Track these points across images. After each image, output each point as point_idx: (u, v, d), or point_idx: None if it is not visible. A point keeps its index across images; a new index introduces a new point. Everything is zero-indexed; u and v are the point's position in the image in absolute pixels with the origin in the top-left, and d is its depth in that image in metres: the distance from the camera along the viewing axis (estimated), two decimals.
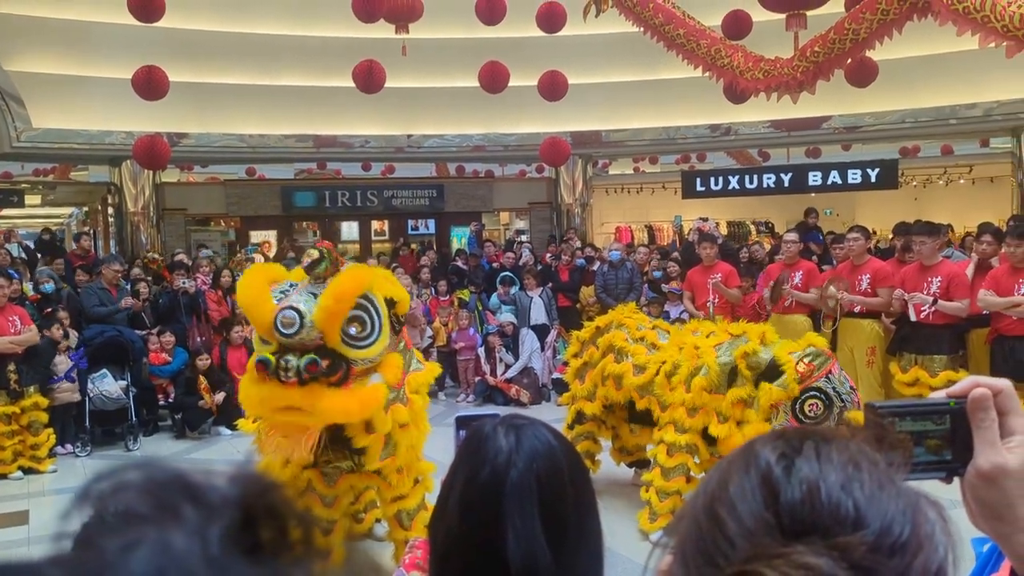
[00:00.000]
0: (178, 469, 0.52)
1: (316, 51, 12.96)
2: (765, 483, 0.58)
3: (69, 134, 12.82)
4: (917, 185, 17.15)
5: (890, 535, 0.55)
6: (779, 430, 0.65)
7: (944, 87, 12.75)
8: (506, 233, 17.04)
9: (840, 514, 0.56)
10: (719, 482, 0.62)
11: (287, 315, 3.38)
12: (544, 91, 10.29)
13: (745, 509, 0.58)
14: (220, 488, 0.51)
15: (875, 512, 0.56)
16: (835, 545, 0.54)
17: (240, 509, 0.50)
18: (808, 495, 0.57)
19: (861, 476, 0.58)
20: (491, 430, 1.18)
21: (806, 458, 0.59)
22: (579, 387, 5.55)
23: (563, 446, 1.19)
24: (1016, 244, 5.87)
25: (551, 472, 1.14)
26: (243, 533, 0.49)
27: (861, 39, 7.17)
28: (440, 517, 1.18)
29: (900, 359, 6.43)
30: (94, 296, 8.10)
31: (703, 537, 0.59)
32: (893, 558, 0.55)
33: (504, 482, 1.11)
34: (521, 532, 1.08)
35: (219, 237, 15.83)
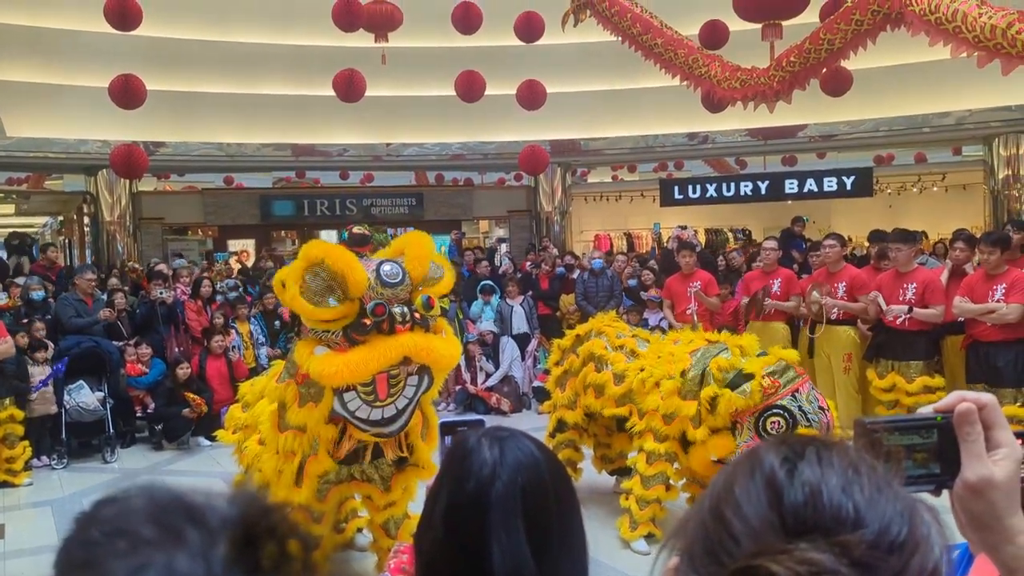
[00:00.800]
0: (179, 492, 0.53)
1: (295, 60, 12.94)
2: (769, 486, 0.61)
3: (44, 143, 12.71)
4: (891, 193, 17.39)
5: (888, 535, 0.58)
6: (781, 436, 0.68)
7: (917, 96, 12.96)
8: (486, 241, 17.06)
9: (841, 515, 0.59)
10: (724, 485, 0.64)
11: (392, 268, 3.61)
12: (522, 100, 10.33)
13: (750, 510, 0.61)
14: (221, 510, 0.52)
15: (874, 513, 0.59)
16: (837, 543, 0.57)
17: (241, 530, 0.51)
18: (810, 497, 0.60)
19: (860, 480, 0.61)
20: (475, 442, 1.19)
21: (808, 462, 0.62)
22: (560, 395, 5.56)
23: (546, 457, 1.20)
24: (990, 251, 5.96)
25: (535, 484, 1.15)
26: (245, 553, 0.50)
27: (836, 49, 7.27)
28: (426, 528, 1.18)
29: (877, 365, 6.49)
30: (70, 307, 8.00)
31: (709, 537, 0.62)
32: (891, 556, 0.57)
33: (489, 495, 1.12)
34: (506, 544, 1.09)
35: (197, 246, 15.73)
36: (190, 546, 0.49)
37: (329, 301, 3.50)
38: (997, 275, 5.97)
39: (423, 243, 3.80)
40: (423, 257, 3.71)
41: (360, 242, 3.80)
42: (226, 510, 0.52)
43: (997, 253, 5.96)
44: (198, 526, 0.50)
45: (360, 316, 3.51)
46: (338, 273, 3.45)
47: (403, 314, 3.53)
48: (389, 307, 3.52)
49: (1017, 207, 13.21)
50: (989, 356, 5.95)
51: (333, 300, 3.50)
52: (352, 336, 3.51)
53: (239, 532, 0.51)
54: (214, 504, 0.53)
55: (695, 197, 14.64)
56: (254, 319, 9.04)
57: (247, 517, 0.52)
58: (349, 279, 3.47)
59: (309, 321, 3.62)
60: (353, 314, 3.51)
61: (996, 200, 13.48)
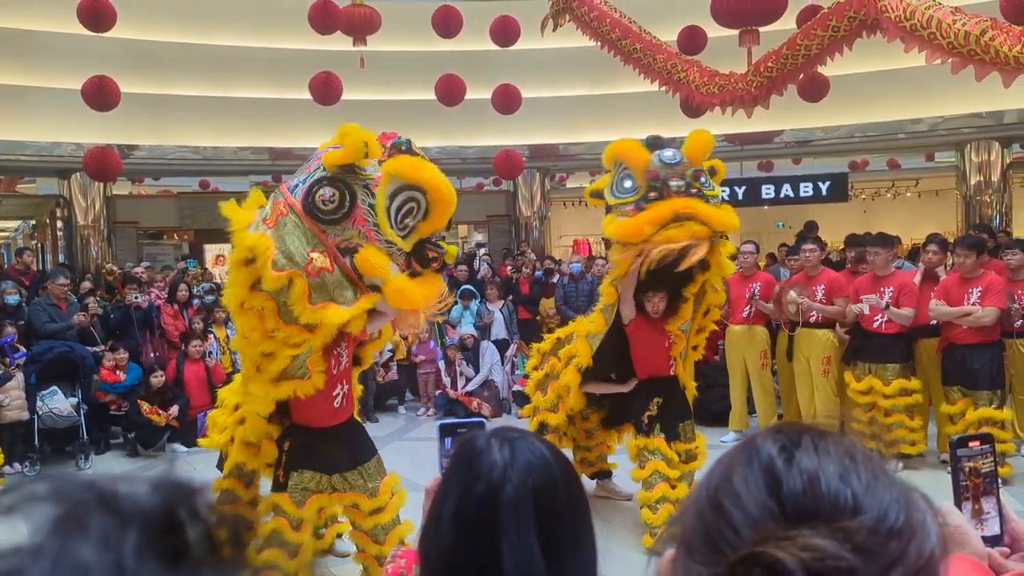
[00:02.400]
0: (91, 480, 0.51)
1: (272, 63, 12.85)
2: (767, 474, 0.62)
3: (16, 145, 12.51)
4: (866, 198, 17.57)
5: (887, 521, 0.58)
6: (776, 425, 0.68)
7: (891, 103, 13.11)
8: (464, 246, 17.02)
9: (839, 502, 0.59)
10: (722, 475, 0.65)
11: None
12: (498, 104, 10.32)
13: (749, 499, 0.61)
14: (136, 497, 0.50)
15: (872, 500, 0.59)
16: (838, 529, 0.57)
17: (158, 516, 0.49)
18: (809, 485, 0.60)
19: (857, 467, 0.62)
20: (484, 444, 1.16)
21: (805, 451, 0.63)
22: (541, 399, 5.55)
23: (557, 458, 1.18)
24: (966, 255, 6.03)
25: (546, 485, 1.13)
26: (161, 540, 0.48)
27: (813, 55, 7.33)
28: (433, 533, 1.15)
29: (854, 368, 6.54)
30: (43, 312, 7.88)
31: (707, 527, 0.62)
32: (890, 542, 0.58)
33: (499, 497, 1.10)
34: (517, 548, 1.07)
35: (172, 251, 15.55)
36: (94, 534, 0.46)
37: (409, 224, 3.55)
38: (973, 278, 6.04)
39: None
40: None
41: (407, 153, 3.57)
42: (144, 497, 0.50)
43: (973, 256, 6.03)
44: (108, 513, 0.48)
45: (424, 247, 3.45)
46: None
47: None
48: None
49: (989, 212, 13.40)
50: (965, 359, 6.02)
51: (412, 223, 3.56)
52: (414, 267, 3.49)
53: (155, 518, 0.49)
54: (131, 491, 0.51)
55: None
56: (230, 323, 8.94)
57: (166, 502, 0.50)
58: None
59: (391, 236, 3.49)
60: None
61: (968, 205, 13.66)
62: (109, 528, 0.47)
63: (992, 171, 13.42)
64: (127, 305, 8.41)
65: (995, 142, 13.35)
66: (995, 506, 1.18)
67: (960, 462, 1.21)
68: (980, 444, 1.22)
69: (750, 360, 7.37)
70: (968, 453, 1.21)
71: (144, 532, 0.47)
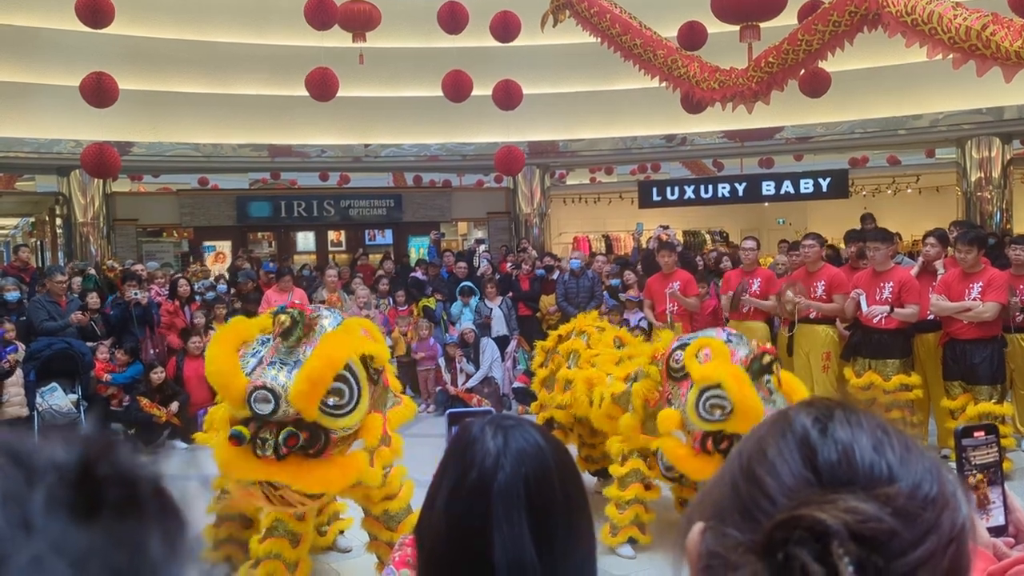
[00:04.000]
0: (4, 436, 0.49)
1: (271, 60, 12.84)
2: (803, 445, 0.62)
3: (14, 143, 12.50)
4: (866, 195, 17.57)
5: (921, 490, 0.59)
6: (807, 399, 0.69)
7: (891, 99, 13.10)
8: (464, 243, 17.02)
9: (875, 472, 0.60)
10: (755, 448, 0.65)
11: (261, 394, 3.32)
12: (498, 100, 10.31)
13: (784, 469, 0.62)
14: (50, 452, 0.48)
15: (906, 471, 0.60)
16: (877, 495, 0.58)
17: (72, 471, 0.47)
18: (844, 455, 0.61)
19: (890, 439, 0.63)
20: (479, 431, 1.15)
21: (839, 423, 0.63)
22: (547, 396, 5.53)
23: (553, 447, 1.16)
24: (967, 250, 6.02)
25: (540, 474, 1.11)
26: (79, 495, 0.46)
27: (814, 50, 7.32)
28: (427, 519, 1.15)
29: (854, 364, 6.53)
30: (42, 309, 7.87)
31: (741, 498, 0.63)
32: (926, 511, 0.58)
33: (491, 485, 1.08)
34: (508, 537, 1.05)
35: (172, 248, 15.55)
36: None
37: None
38: (973, 274, 6.03)
39: (322, 370, 3.34)
40: (317, 384, 3.32)
41: (283, 336, 3.50)
42: (58, 452, 0.48)
43: (974, 252, 6.02)
44: (16, 468, 0.46)
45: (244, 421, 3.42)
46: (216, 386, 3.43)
47: (267, 446, 3.33)
48: (254, 435, 3.35)
49: (989, 209, 13.39)
50: (965, 354, 6.02)
51: None
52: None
53: (69, 473, 0.47)
54: (44, 446, 0.49)
55: (673, 199, 14.70)
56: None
57: (83, 457, 0.48)
58: (226, 396, 3.41)
59: None
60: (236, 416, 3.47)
61: (969, 202, 13.65)
62: (16, 483, 0.45)
63: (993, 167, 13.40)
64: (127, 302, 8.39)
65: (996, 138, 13.34)
66: (1000, 496, 1.18)
67: (965, 452, 1.20)
68: (985, 434, 1.21)
69: None
70: (973, 443, 1.21)
71: (55, 487, 0.45)
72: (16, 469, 0.46)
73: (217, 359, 3.36)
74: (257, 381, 3.34)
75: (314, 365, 3.35)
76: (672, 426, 4.45)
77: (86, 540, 0.44)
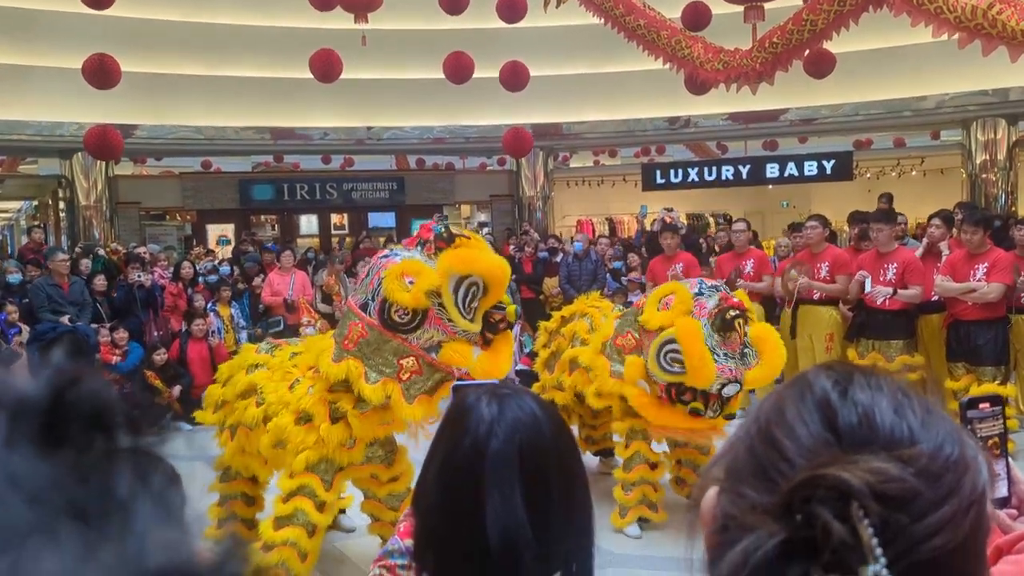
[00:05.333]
0: None
1: (274, 41, 12.77)
2: (822, 407, 0.62)
3: (17, 125, 12.47)
4: (871, 177, 17.51)
5: (943, 452, 0.59)
6: (825, 363, 0.68)
7: (897, 80, 13.00)
8: (467, 226, 16.99)
9: (895, 435, 0.59)
10: (773, 410, 0.64)
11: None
12: (506, 82, 10.26)
13: (803, 431, 0.61)
14: (13, 381, 0.46)
15: (927, 434, 0.60)
16: (899, 456, 0.57)
17: (41, 401, 0.45)
18: (864, 417, 0.60)
19: (911, 403, 0.62)
20: (474, 400, 1.14)
21: (859, 386, 0.63)
22: (548, 377, 5.53)
23: (549, 417, 1.15)
24: (972, 231, 6.00)
25: (534, 443, 1.10)
26: (45, 426, 0.44)
27: (819, 30, 7.27)
28: (423, 487, 1.15)
29: (858, 345, 6.53)
30: (43, 293, 7.89)
31: (758, 460, 0.62)
32: (947, 473, 0.58)
33: (485, 453, 1.08)
34: (501, 505, 1.04)
35: (175, 231, 15.56)
36: None
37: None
38: (979, 254, 6.01)
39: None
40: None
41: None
42: (22, 381, 0.46)
43: (980, 233, 6.00)
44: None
45: (489, 316, 3.61)
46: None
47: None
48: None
49: (994, 191, 13.33)
50: (970, 335, 6.01)
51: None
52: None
53: (34, 403, 0.44)
54: (9, 376, 0.46)
55: (677, 182, 14.65)
56: (235, 302, 8.95)
57: (50, 386, 0.46)
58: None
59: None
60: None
61: (974, 184, 13.58)
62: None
63: (998, 149, 13.33)
64: (130, 284, 8.41)
65: (1001, 119, 13.26)
66: (1004, 468, 1.17)
67: (971, 424, 1.19)
68: (991, 406, 1.21)
69: None
70: (978, 415, 1.20)
71: (18, 418, 0.43)
72: None
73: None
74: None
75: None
76: (636, 375, 4.61)
77: (45, 473, 0.42)
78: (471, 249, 3.61)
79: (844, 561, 0.53)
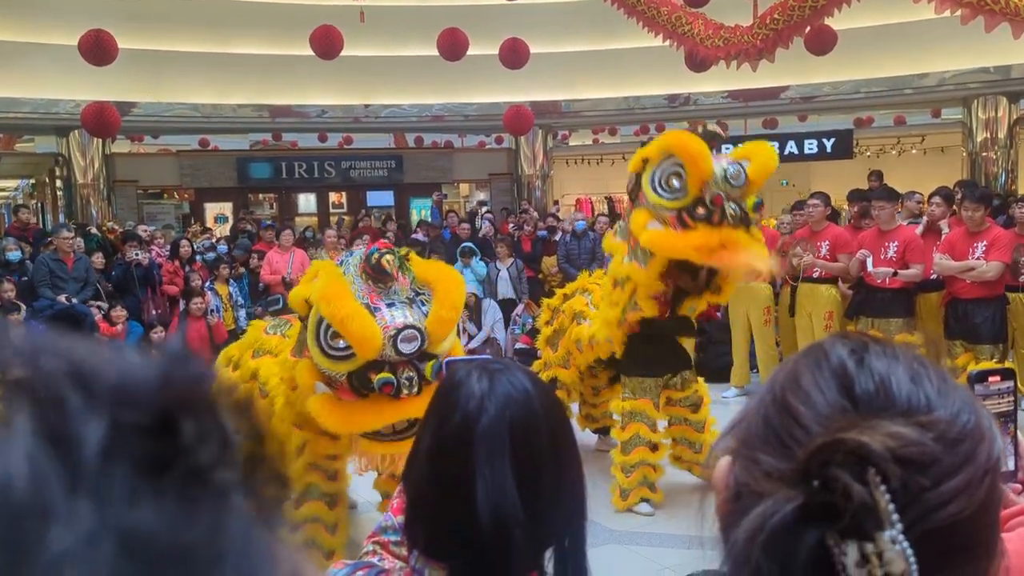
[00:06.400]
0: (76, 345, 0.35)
1: (271, 18, 12.67)
2: (838, 375, 0.62)
3: (13, 103, 12.39)
4: (871, 155, 17.43)
5: (960, 420, 0.59)
6: (841, 332, 0.69)
7: (897, 57, 12.92)
8: (466, 205, 16.95)
9: (912, 402, 0.59)
10: (788, 378, 0.64)
11: (409, 333, 3.25)
12: (505, 59, 10.19)
13: (819, 398, 0.61)
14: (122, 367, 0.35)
15: (943, 402, 0.60)
16: (918, 422, 0.57)
17: (148, 403, 0.34)
18: (881, 385, 0.60)
19: (928, 372, 0.62)
20: (465, 375, 1.13)
21: (875, 355, 0.63)
22: (552, 355, 5.52)
23: (541, 392, 1.14)
24: (973, 208, 5.98)
25: (525, 419, 1.09)
26: (145, 439, 0.33)
27: (820, 6, 7.22)
28: (413, 463, 1.14)
29: (857, 323, 6.53)
30: (44, 269, 7.88)
31: (773, 428, 0.62)
32: (964, 441, 0.58)
33: (475, 428, 1.07)
34: (491, 482, 1.03)
35: (172, 210, 15.51)
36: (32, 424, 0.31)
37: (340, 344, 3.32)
38: (978, 233, 6.00)
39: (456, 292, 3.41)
40: (451, 315, 3.35)
41: (380, 275, 3.40)
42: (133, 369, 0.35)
43: (981, 210, 6.00)
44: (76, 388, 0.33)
45: (367, 368, 3.25)
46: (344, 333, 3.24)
47: (410, 382, 3.26)
48: (397, 379, 3.25)
49: (995, 169, 13.29)
50: (968, 313, 6.02)
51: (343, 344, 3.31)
52: (356, 387, 3.32)
53: (142, 407, 0.33)
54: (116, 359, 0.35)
55: None
56: (234, 281, 8.93)
57: (165, 384, 0.35)
58: (364, 343, 3.19)
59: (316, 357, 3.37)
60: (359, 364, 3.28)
61: (974, 162, 13.54)
62: (71, 413, 0.32)
63: (999, 127, 13.28)
64: (128, 262, 8.39)
65: (1002, 97, 13.20)
66: (1011, 444, 1.17)
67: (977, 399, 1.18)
68: (1001, 380, 1.18)
69: (753, 316, 7.37)
70: (985, 391, 1.18)
71: (121, 424, 0.32)
72: (76, 390, 0.33)
73: (347, 307, 3.21)
74: (398, 322, 3.26)
75: (453, 292, 3.39)
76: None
77: (149, 508, 0.31)
78: (337, 287, 3.26)
79: (861, 526, 0.53)
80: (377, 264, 3.35)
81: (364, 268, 3.38)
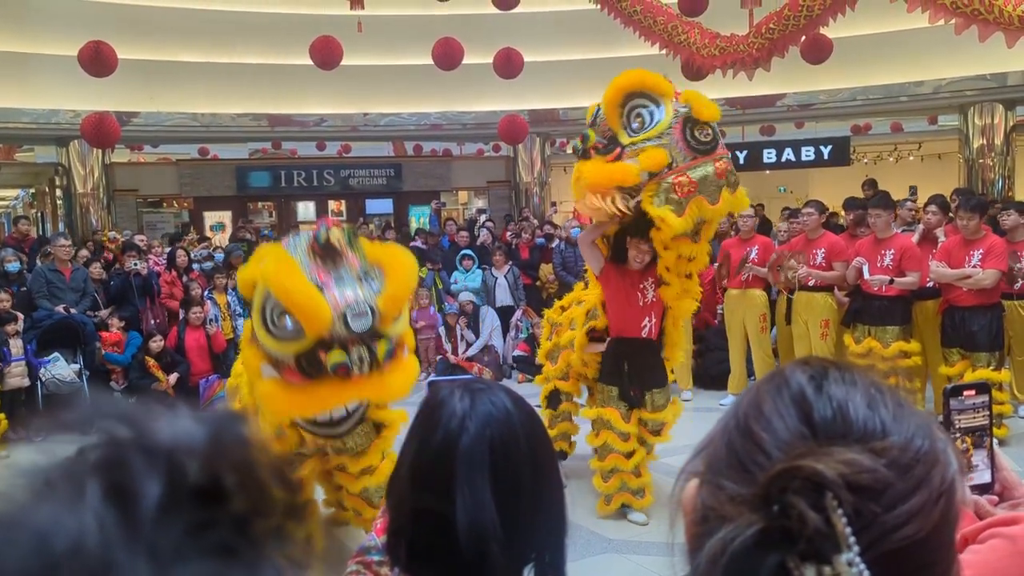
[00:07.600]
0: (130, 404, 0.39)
1: (270, 28, 12.72)
2: (798, 401, 0.64)
3: (13, 113, 12.42)
4: (868, 162, 17.50)
5: (913, 445, 0.61)
6: (803, 358, 0.71)
7: (894, 65, 12.97)
8: (465, 212, 16.99)
9: (868, 428, 0.61)
10: (751, 404, 0.66)
11: (359, 308, 3.16)
12: (499, 69, 10.23)
13: (780, 424, 0.63)
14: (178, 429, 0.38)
15: (898, 427, 0.62)
16: (871, 448, 0.59)
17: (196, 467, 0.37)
18: (839, 411, 0.62)
19: (884, 398, 0.64)
20: (447, 394, 1.15)
21: (834, 381, 0.65)
22: (552, 368, 5.51)
23: (521, 412, 1.16)
24: (968, 217, 6.00)
25: (505, 439, 1.11)
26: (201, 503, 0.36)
27: (815, 15, 7.26)
28: (395, 481, 1.16)
29: (854, 331, 6.54)
30: (42, 279, 7.89)
31: (736, 453, 0.64)
32: (917, 465, 0.60)
33: (455, 447, 1.08)
34: (470, 499, 1.05)
35: (172, 219, 15.54)
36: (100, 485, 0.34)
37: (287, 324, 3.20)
38: (974, 240, 6.02)
39: (407, 271, 3.32)
40: (401, 293, 3.27)
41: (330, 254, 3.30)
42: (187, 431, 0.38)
43: (976, 219, 6.01)
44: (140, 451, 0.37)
45: (316, 348, 3.14)
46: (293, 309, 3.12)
47: (361, 361, 3.16)
48: (350, 358, 3.14)
49: (991, 176, 13.32)
50: (964, 321, 6.02)
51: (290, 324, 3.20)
52: (305, 368, 3.19)
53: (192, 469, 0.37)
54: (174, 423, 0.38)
55: None
56: (233, 290, 8.95)
57: (213, 447, 0.38)
58: (312, 319, 3.08)
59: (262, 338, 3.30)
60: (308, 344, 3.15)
61: (971, 169, 13.57)
62: (133, 471, 0.35)
63: (995, 134, 13.31)
64: (127, 272, 8.41)
65: (999, 104, 13.23)
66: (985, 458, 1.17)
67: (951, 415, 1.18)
68: (976, 394, 1.19)
69: (749, 323, 7.39)
70: (959, 406, 1.18)
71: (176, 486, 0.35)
72: (139, 453, 0.36)
73: (296, 283, 3.12)
74: (348, 298, 3.17)
75: (404, 271, 3.32)
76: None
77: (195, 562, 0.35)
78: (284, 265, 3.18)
79: (819, 549, 0.55)
80: (326, 242, 3.26)
81: (312, 247, 3.28)
